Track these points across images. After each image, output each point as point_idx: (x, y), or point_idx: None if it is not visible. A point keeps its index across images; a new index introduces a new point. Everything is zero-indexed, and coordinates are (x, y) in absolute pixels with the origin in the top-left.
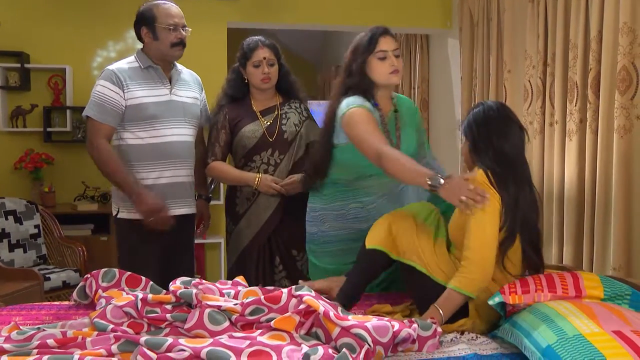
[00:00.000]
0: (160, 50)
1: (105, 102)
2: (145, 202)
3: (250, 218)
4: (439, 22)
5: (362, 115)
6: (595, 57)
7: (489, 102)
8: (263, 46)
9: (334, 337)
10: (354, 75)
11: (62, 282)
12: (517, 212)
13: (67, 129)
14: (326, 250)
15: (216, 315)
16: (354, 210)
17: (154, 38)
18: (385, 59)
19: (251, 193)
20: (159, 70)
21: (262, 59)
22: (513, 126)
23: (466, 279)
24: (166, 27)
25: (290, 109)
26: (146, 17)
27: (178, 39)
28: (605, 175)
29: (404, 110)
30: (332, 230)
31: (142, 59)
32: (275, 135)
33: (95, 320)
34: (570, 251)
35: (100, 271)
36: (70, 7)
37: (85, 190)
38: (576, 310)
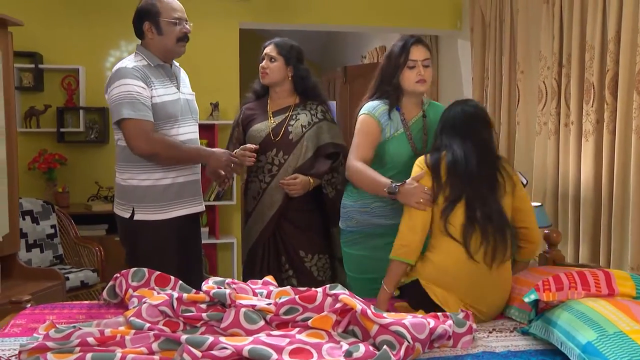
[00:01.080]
0: (165, 46)
1: (137, 99)
2: (220, 159)
3: (256, 216)
4: (449, 23)
5: (364, 125)
6: (613, 58)
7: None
8: (270, 44)
9: (372, 335)
10: (385, 79)
11: (81, 282)
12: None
13: (80, 129)
14: (354, 238)
15: (252, 315)
16: (377, 209)
17: (158, 33)
18: (414, 68)
19: (256, 192)
20: (167, 68)
21: (264, 54)
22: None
23: (396, 245)
24: (171, 20)
25: (303, 110)
26: (149, 11)
27: (183, 33)
28: (623, 175)
29: (432, 116)
30: (358, 225)
31: (149, 57)
32: (280, 136)
33: (132, 319)
34: (586, 251)
35: (129, 270)
36: (83, 7)
37: (99, 190)
38: (613, 308)
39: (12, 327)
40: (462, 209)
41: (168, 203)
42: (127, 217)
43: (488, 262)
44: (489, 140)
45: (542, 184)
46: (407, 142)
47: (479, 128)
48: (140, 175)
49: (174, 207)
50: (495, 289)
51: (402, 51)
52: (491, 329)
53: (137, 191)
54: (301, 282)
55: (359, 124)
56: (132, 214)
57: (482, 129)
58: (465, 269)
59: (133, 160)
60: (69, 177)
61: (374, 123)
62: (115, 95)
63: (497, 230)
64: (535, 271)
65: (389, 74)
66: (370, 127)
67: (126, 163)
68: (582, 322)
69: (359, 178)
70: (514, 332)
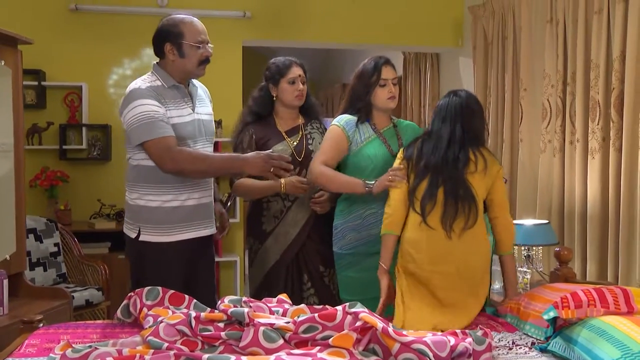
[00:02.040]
0: (185, 68)
1: (155, 117)
2: (256, 162)
3: (277, 236)
4: (450, 41)
5: (332, 134)
6: (619, 76)
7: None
8: (297, 64)
9: (394, 353)
10: (356, 97)
11: (85, 301)
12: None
13: (82, 146)
14: (350, 261)
15: (270, 333)
16: (370, 217)
17: (180, 55)
18: (385, 86)
19: (279, 211)
20: (181, 89)
21: (298, 75)
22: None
23: (383, 222)
24: (194, 44)
25: (313, 129)
26: (172, 33)
27: (205, 57)
28: (630, 193)
29: (403, 126)
30: (351, 242)
31: (164, 78)
32: (303, 155)
33: (150, 339)
34: (594, 268)
35: (143, 289)
36: (86, 25)
37: (101, 208)
38: (634, 326)
39: (27, 347)
40: (426, 182)
41: (175, 225)
42: (133, 237)
43: (447, 229)
44: (478, 128)
45: (547, 201)
46: (382, 144)
47: (468, 116)
48: (147, 196)
49: (181, 229)
50: (460, 253)
51: (374, 71)
52: (511, 344)
53: (144, 211)
54: (321, 298)
55: (327, 133)
56: (138, 234)
57: (472, 118)
58: (423, 234)
59: (141, 181)
60: (71, 194)
61: (339, 131)
62: (132, 118)
63: (460, 201)
64: (548, 288)
65: (361, 92)
66: (336, 135)
67: (135, 183)
68: (605, 340)
69: (327, 181)
70: (532, 349)
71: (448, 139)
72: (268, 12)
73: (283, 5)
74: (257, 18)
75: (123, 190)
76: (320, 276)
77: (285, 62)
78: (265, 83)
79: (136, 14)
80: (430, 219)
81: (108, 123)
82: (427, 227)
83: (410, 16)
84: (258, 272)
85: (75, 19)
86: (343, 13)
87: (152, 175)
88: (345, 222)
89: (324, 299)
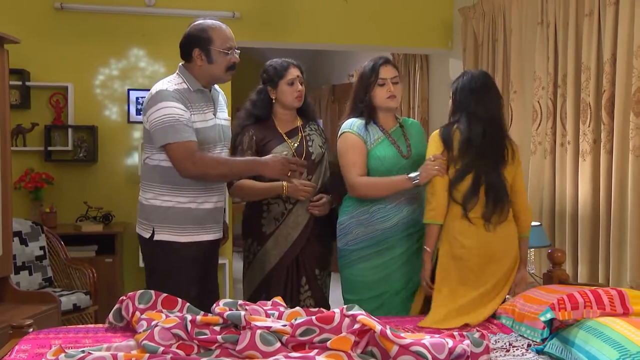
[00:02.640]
0: (212, 74)
1: (184, 122)
2: (275, 166)
3: (278, 238)
4: (440, 42)
5: (351, 142)
6: (609, 79)
7: (474, 71)
8: (294, 66)
9: (392, 356)
10: (358, 98)
11: (73, 305)
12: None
13: (68, 148)
14: (356, 257)
15: (267, 336)
16: (378, 212)
17: (208, 61)
18: (384, 85)
19: (280, 213)
20: (206, 93)
21: (296, 76)
22: (491, 93)
23: (426, 210)
24: (223, 50)
25: (312, 131)
26: (201, 38)
27: (232, 63)
28: (621, 195)
29: (408, 125)
30: (358, 237)
31: (190, 81)
32: (303, 157)
33: (145, 343)
34: (585, 269)
35: (136, 293)
36: (72, 24)
37: (88, 210)
38: (631, 327)
39: (18, 352)
40: (470, 179)
41: (189, 227)
42: (147, 237)
43: (485, 225)
44: (497, 112)
45: (538, 203)
46: (391, 145)
47: (488, 99)
48: (163, 197)
49: (195, 231)
50: (497, 244)
51: (372, 71)
52: (508, 345)
53: (159, 211)
54: (316, 300)
55: (344, 142)
56: (152, 234)
57: (491, 100)
58: (465, 223)
59: (158, 181)
60: (56, 196)
61: (356, 137)
62: (157, 120)
63: (499, 198)
64: (543, 289)
65: (362, 92)
66: (355, 142)
67: (151, 183)
68: (602, 341)
69: (373, 189)
70: (528, 351)
71: (486, 135)
72: (257, 13)
73: (272, 6)
74: (246, 19)
75: (110, 192)
76: (316, 279)
77: (283, 64)
78: (264, 86)
79: (123, 14)
80: (471, 213)
81: (94, 124)
82: (468, 218)
83: (399, 17)
84: (257, 274)
85: (61, 18)
86: (332, 14)
87: (171, 176)
88: (352, 218)
89: (318, 301)
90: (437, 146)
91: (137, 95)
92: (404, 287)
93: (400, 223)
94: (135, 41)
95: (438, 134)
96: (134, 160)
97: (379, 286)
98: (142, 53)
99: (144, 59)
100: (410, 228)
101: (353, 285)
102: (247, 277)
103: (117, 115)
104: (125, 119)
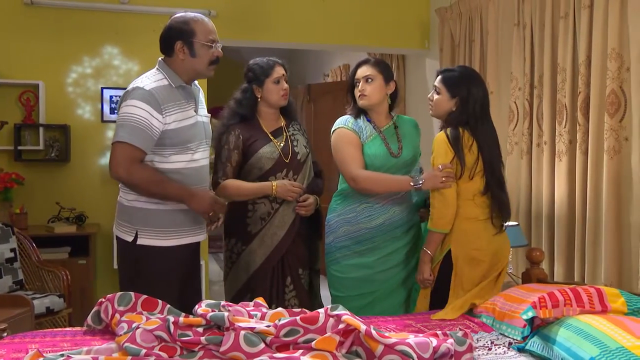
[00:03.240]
0: (195, 68)
1: (144, 127)
2: (204, 201)
3: (263, 237)
4: (417, 43)
5: (345, 137)
6: (585, 80)
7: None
8: (279, 64)
9: (377, 355)
10: (351, 99)
11: (46, 309)
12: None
13: (39, 147)
14: (341, 255)
15: (251, 337)
16: (364, 211)
17: (190, 55)
18: (358, 85)
19: (266, 213)
20: (188, 90)
21: (281, 75)
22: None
23: (435, 218)
24: (206, 43)
25: (295, 131)
26: (184, 30)
27: (215, 57)
28: (596, 195)
29: (403, 124)
30: (345, 234)
31: (171, 76)
32: (289, 157)
33: (126, 345)
34: (561, 269)
35: (115, 295)
36: (43, 20)
37: (60, 211)
38: (610, 324)
39: None
40: (481, 178)
41: (173, 229)
42: (129, 241)
43: (495, 225)
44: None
45: (515, 203)
46: (382, 143)
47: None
48: (145, 197)
49: (180, 234)
50: (499, 245)
51: (352, 74)
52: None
53: (141, 213)
54: (301, 299)
55: (338, 137)
56: (135, 238)
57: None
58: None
59: None
60: (27, 197)
61: (351, 132)
62: (121, 116)
63: (505, 204)
64: (522, 288)
65: (350, 94)
66: (350, 137)
67: None
68: (582, 339)
69: (375, 183)
70: (510, 349)
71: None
72: (234, 11)
73: (249, 4)
74: (222, 17)
75: (83, 193)
76: (299, 278)
77: (268, 63)
78: (249, 84)
79: (97, 10)
80: (484, 215)
81: (67, 123)
82: (479, 221)
83: (377, 17)
84: (241, 275)
85: (31, 13)
86: (309, 13)
87: None
88: (339, 216)
89: (302, 299)
90: (447, 152)
91: (111, 94)
92: (396, 289)
93: (386, 223)
94: (109, 39)
95: (445, 140)
96: (107, 160)
97: (364, 285)
98: (116, 51)
99: (118, 57)
100: (397, 229)
101: (337, 281)
102: (230, 278)
103: (91, 114)
104: (98, 118)
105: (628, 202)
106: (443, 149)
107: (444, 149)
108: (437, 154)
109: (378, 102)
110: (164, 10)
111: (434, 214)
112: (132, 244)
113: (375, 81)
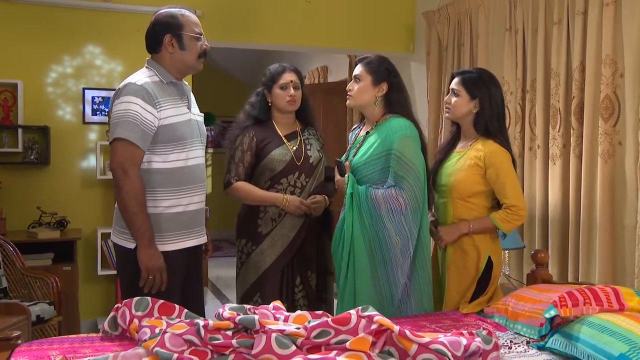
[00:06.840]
0: (184, 61)
1: (139, 122)
2: (156, 260)
3: (274, 238)
4: (402, 46)
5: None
6: (578, 85)
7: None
8: (290, 70)
9: (411, 355)
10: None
11: (37, 317)
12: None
13: (18, 149)
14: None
15: (283, 339)
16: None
17: (180, 47)
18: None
19: (277, 214)
20: (179, 86)
21: (289, 81)
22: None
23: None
24: (194, 35)
25: (310, 135)
26: (171, 24)
27: (203, 50)
28: (590, 198)
29: (378, 130)
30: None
31: (161, 73)
32: (302, 160)
33: (157, 350)
34: (555, 271)
35: (132, 300)
36: (21, 17)
37: (41, 216)
38: (632, 322)
39: None
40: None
41: (177, 233)
42: (131, 248)
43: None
44: None
45: None
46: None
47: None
48: (147, 202)
49: (183, 237)
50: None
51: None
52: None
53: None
54: (310, 300)
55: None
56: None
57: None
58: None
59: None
60: (5, 201)
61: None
62: (116, 113)
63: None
64: (533, 289)
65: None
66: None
67: None
68: (608, 336)
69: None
70: (530, 347)
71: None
72: (219, 12)
73: (235, 5)
74: (208, 17)
75: (64, 197)
76: (308, 279)
77: (278, 69)
78: (262, 89)
79: (78, 8)
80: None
81: (47, 124)
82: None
83: (361, 20)
84: (250, 274)
85: (9, 10)
86: (294, 15)
87: (151, 179)
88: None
89: (312, 301)
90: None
91: (93, 95)
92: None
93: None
94: (91, 38)
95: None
96: (89, 163)
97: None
98: (98, 51)
99: (100, 57)
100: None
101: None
102: (240, 277)
103: (72, 116)
104: (80, 119)
105: (622, 205)
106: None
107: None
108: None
109: (365, 104)
110: (148, 9)
111: (516, 214)
112: (133, 252)
113: (362, 81)
